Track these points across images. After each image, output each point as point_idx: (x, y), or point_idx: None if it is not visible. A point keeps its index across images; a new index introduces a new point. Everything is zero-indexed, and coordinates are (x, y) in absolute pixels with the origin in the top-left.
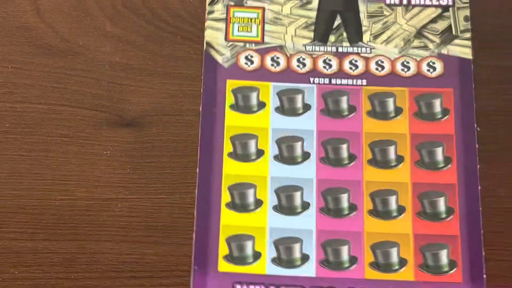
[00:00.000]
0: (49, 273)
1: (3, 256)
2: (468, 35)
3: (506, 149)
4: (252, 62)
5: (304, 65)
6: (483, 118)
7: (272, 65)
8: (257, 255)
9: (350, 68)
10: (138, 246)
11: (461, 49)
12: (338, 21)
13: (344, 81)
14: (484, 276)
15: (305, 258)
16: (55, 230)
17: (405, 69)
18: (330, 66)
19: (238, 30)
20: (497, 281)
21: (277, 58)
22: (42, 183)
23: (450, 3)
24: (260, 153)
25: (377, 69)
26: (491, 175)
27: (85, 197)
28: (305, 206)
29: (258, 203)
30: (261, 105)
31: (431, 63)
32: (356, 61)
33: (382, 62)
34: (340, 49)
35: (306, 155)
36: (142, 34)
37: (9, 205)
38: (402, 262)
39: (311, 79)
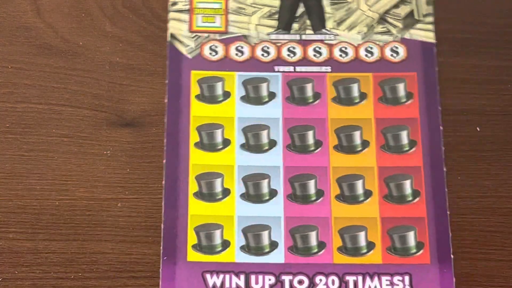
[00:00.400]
0: (49, 273)
1: (3, 256)
2: (430, 19)
3: (506, 149)
4: (216, 52)
5: (268, 53)
6: (483, 118)
7: (237, 54)
8: (226, 244)
9: (314, 55)
10: (138, 246)
11: (424, 33)
12: (301, 9)
13: (309, 69)
14: (452, 256)
15: (273, 245)
16: (55, 230)
17: (369, 55)
18: (294, 54)
19: (202, 21)
20: (497, 281)
21: (241, 47)
22: (42, 183)
23: None
24: (226, 142)
25: (341, 55)
26: (491, 175)
27: (85, 197)
28: (273, 193)
29: (226, 192)
30: (227, 94)
31: (394, 48)
32: (320, 48)
33: (346, 48)
34: (304, 37)
35: (272, 143)
36: (142, 34)
37: (9, 205)
38: (370, 246)
39: (276, 68)
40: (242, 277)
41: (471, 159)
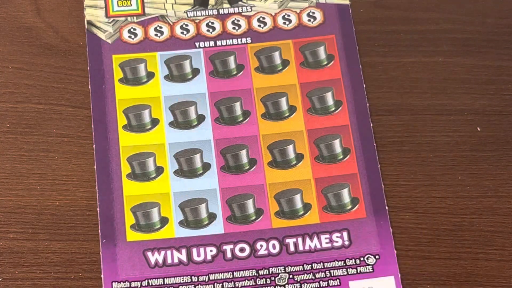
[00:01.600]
0: (49, 273)
1: (3, 256)
2: None
3: (506, 149)
4: (135, 35)
5: (188, 31)
6: (483, 118)
7: (156, 35)
8: (164, 221)
9: (234, 28)
10: None
11: None
12: None
13: (229, 42)
14: (386, 207)
15: (212, 217)
16: (55, 230)
17: (287, 22)
18: (214, 29)
19: (118, 5)
20: (497, 281)
21: (160, 27)
22: (42, 183)
23: None
24: (155, 122)
25: (259, 25)
26: (491, 175)
27: (85, 197)
28: (206, 167)
29: (159, 170)
30: (150, 75)
31: (311, 13)
32: (238, 20)
33: (264, 18)
34: (221, 11)
35: (201, 118)
36: None
37: (9, 205)
38: (307, 207)
39: (197, 44)
40: (184, 251)
41: (471, 159)
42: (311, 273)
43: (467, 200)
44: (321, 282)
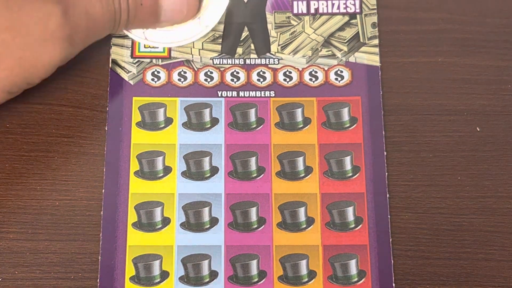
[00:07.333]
0: (49, 273)
1: (3, 256)
2: (375, 41)
3: (506, 149)
4: (159, 78)
5: (212, 78)
6: (483, 118)
7: (179, 80)
8: (164, 275)
9: (258, 80)
10: None
11: (369, 56)
12: (246, 32)
13: (252, 93)
14: (394, 285)
15: (213, 274)
16: (55, 230)
17: (313, 79)
18: (238, 78)
19: (145, 46)
20: (497, 281)
21: (184, 72)
22: (42, 183)
23: (358, 10)
24: (167, 170)
25: (285, 80)
26: (491, 175)
27: (85, 197)
28: (214, 221)
29: (166, 221)
30: (169, 121)
31: (339, 72)
32: (264, 72)
33: (290, 72)
34: (248, 61)
35: (214, 170)
36: None
37: (9, 205)
38: (311, 274)
39: (219, 93)
40: None
41: (470, 159)
42: None
43: (467, 200)
44: None
